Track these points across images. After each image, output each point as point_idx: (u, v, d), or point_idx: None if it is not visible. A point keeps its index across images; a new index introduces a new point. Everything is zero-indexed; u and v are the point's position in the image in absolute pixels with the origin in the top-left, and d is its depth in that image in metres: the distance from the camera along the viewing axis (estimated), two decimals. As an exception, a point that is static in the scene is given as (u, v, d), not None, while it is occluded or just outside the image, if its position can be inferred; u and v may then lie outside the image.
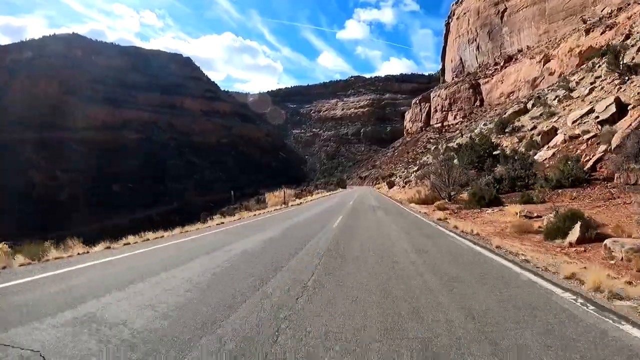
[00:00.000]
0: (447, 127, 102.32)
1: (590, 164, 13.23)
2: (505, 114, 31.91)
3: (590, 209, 9.63)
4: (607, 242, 6.03)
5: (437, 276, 5.10)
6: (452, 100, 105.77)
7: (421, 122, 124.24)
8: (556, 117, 20.88)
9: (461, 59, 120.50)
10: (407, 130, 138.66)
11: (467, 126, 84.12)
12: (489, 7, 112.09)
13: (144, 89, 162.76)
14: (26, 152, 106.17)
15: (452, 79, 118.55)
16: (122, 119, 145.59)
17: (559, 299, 4.01)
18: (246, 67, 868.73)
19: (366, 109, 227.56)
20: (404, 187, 31.26)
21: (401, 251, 7.14)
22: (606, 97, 17.55)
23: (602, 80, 22.15)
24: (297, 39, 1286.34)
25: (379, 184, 71.56)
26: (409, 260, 6.27)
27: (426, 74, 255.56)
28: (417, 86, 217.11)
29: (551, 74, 73.46)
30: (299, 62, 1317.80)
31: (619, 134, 12.96)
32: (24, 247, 7.59)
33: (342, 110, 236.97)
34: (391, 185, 45.82)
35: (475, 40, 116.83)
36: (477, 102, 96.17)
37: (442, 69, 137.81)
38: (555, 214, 8.02)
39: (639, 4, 54.95)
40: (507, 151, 17.40)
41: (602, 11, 77.54)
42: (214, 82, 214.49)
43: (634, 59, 21.70)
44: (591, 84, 23.05)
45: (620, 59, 21.30)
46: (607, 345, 2.88)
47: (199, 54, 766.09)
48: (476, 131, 25.94)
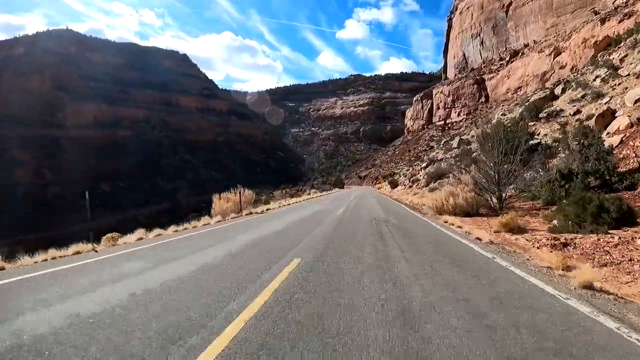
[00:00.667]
0: (450, 125, 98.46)
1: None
2: (527, 102, 28.26)
3: None
4: None
5: None
6: (455, 96, 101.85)
7: (423, 119, 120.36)
8: (607, 98, 17.21)
9: (464, 55, 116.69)
10: (408, 128, 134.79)
11: (472, 123, 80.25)
12: (493, 0, 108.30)
13: (139, 86, 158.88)
14: (12, 149, 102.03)
15: (455, 76, 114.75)
16: (115, 116, 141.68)
17: None
18: (246, 66, 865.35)
19: (366, 108, 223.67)
20: (411, 186, 27.26)
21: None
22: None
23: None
24: (296, 38, 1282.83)
25: (380, 183, 67.68)
26: None
27: (427, 72, 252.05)
28: (418, 85, 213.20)
29: (562, 67, 69.66)
30: (298, 61, 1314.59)
31: None
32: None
33: (342, 109, 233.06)
34: (394, 184, 42.92)
35: (479, 35, 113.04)
36: (482, 99, 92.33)
37: (444, 66, 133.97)
38: None
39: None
40: (548, 140, 13.74)
41: (613, 2, 73.84)
42: (211, 80, 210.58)
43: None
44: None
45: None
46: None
47: (198, 53, 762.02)
48: (493, 121, 22.39)
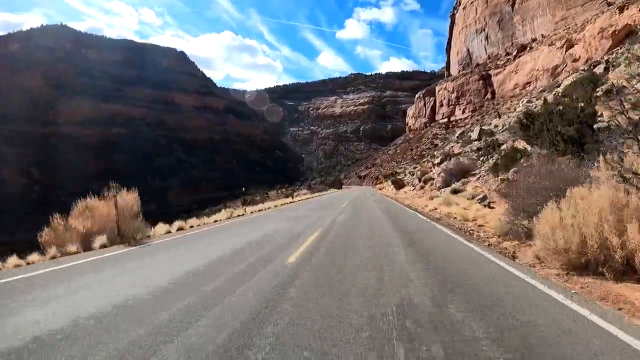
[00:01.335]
0: (454, 122, 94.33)
1: None
2: (558, 86, 24.40)
3: None
4: None
5: None
6: (460, 93, 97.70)
7: (425, 117, 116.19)
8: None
9: (468, 51, 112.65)
10: (410, 127, 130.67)
11: (478, 120, 76.28)
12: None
13: (135, 83, 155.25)
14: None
15: (459, 72, 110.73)
16: (109, 113, 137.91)
17: None
18: (245, 66, 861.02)
19: (366, 107, 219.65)
20: (422, 187, 22.88)
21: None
22: None
23: None
24: (296, 38, 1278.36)
25: (381, 183, 63.36)
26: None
27: (428, 70, 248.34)
28: (419, 83, 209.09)
29: (575, 60, 65.62)
30: (298, 61, 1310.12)
31: None
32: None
33: (342, 107, 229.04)
34: (399, 185, 37.34)
35: (483, 30, 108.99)
36: (488, 95, 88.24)
37: (447, 62, 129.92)
38: None
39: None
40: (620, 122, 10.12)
41: (629, -8, 69.83)
42: (209, 78, 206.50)
43: None
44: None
45: None
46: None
47: (198, 52, 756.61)
48: (519, 109, 18.54)
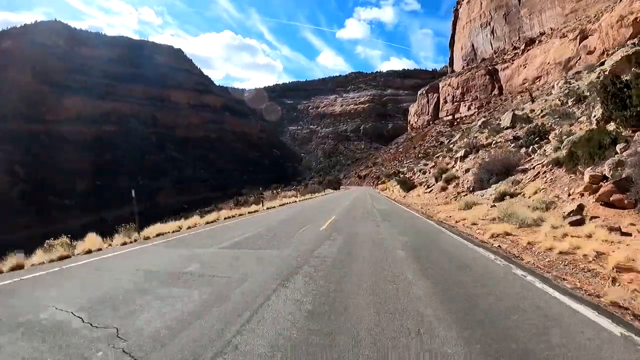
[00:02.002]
0: (459, 120, 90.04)
1: None
2: (602, 64, 20.57)
3: None
4: None
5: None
6: (465, 89, 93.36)
7: (428, 114, 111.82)
8: None
9: (473, 46, 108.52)
10: (412, 125, 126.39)
11: (485, 117, 72.02)
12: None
13: (129, 80, 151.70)
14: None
15: (463, 68, 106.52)
16: (101, 111, 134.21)
17: None
18: (245, 65, 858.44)
19: (366, 105, 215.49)
20: (444, 189, 17.26)
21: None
22: None
23: None
24: (296, 38, 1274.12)
25: (383, 183, 58.83)
26: None
27: (430, 69, 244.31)
28: (420, 82, 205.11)
29: (590, 52, 61.44)
30: (298, 61, 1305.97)
31: None
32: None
33: (342, 106, 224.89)
34: (408, 185, 30.85)
35: (489, 24, 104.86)
36: (495, 91, 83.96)
37: (451, 59, 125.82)
38: None
39: None
40: None
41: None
42: (207, 76, 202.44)
43: None
44: None
45: None
46: None
47: (198, 52, 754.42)
48: (556, 91, 14.87)
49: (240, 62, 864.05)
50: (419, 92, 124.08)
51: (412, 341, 2.86)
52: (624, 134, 7.37)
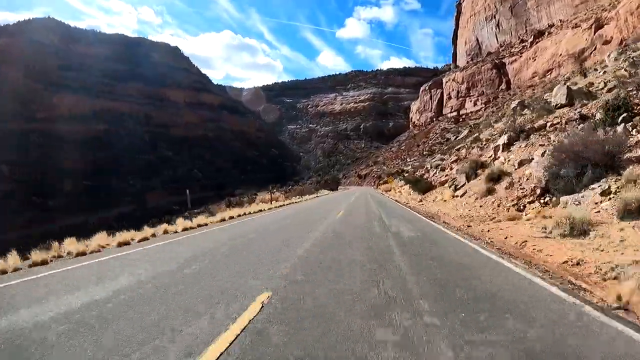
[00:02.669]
0: (465, 116, 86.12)
1: None
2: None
3: None
4: None
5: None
6: (470, 84, 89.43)
7: (431, 111, 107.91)
8: None
9: (477, 40, 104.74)
10: (414, 122, 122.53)
11: (493, 112, 68.29)
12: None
13: (124, 78, 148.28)
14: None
15: (467, 63, 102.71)
16: (95, 109, 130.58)
17: None
18: (245, 65, 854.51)
19: (367, 104, 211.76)
20: (489, 191, 12.73)
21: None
22: None
23: None
24: (296, 38, 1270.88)
25: (387, 182, 54.54)
26: None
27: (431, 67, 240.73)
28: (422, 80, 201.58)
29: (606, 42, 57.61)
30: (298, 61, 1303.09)
31: None
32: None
33: (341, 104, 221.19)
34: (424, 186, 23.63)
35: (494, 17, 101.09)
36: (503, 85, 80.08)
37: (454, 54, 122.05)
38: None
39: None
40: None
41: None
42: (204, 74, 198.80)
43: None
44: None
45: None
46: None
47: (197, 51, 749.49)
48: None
49: (240, 62, 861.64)
50: (422, 88, 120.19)
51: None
52: None
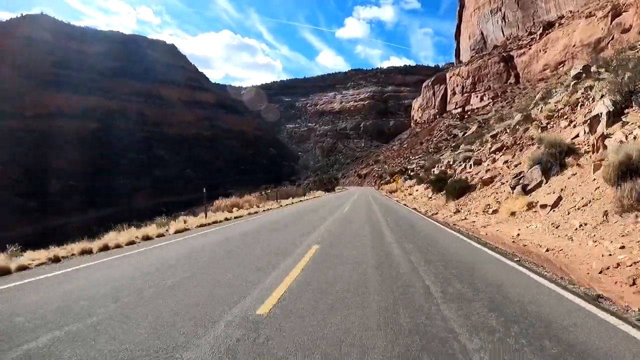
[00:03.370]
0: (470, 112, 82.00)
1: None
2: None
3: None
4: None
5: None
6: (476, 78, 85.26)
7: (435, 108, 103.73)
8: None
9: (482, 34, 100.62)
10: (416, 120, 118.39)
11: (502, 107, 64.12)
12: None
13: (118, 75, 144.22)
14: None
15: (472, 57, 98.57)
16: (86, 107, 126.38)
17: None
18: (245, 65, 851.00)
19: (367, 102, 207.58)
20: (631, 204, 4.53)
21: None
22: None
23: None
24: (295, 38, 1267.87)
25: (393, 182, 49.89)
26: None
27: (432, 65, 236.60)
28: (423, 78, 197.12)
29: (625, 30, 53.51)
30: (298, 61, 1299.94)
31: None
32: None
33: (341, 103, 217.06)
34: (454, 189, 16.23)
35: (499, 10, 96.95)
36: (511, 79, 75.93)
37: (457, 49, 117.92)
38: None
39: None
40: None
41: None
42: (201, 72, 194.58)
43: None
44: None
45: None
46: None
47: (197, 51, 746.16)
48: None
49: (239, 61, 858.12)
50: (424, 85, 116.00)
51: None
52: None
